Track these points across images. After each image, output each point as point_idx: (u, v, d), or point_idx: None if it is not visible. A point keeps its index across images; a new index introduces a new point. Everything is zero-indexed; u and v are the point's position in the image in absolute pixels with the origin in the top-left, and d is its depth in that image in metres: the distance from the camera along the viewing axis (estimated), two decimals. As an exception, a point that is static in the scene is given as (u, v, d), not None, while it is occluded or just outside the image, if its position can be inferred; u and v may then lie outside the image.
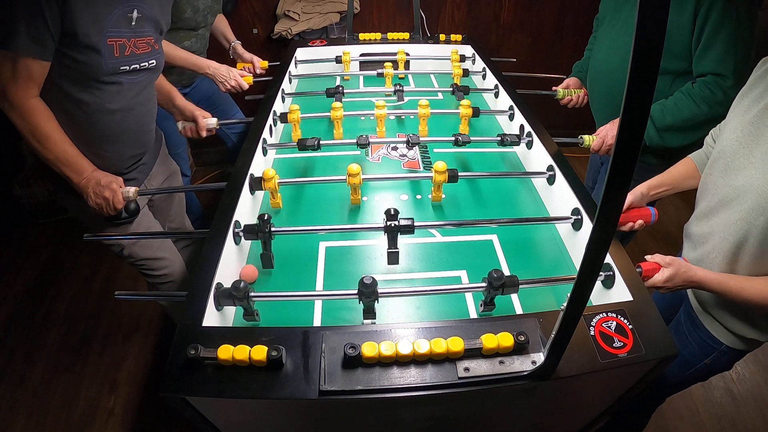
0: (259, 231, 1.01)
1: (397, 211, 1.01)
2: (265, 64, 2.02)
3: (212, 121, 1.57)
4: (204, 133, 1.58)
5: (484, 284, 0.89)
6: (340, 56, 1.91)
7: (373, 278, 0.85)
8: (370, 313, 0.89)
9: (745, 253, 0.99)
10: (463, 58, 1.93)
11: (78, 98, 1.16)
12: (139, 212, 1.34)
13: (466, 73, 1.79)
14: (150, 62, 1.26)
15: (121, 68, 1.17)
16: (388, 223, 1.00)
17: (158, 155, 1.53)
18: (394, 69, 1.80)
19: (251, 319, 0.91)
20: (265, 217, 1.01)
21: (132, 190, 1.24)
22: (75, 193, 1.24)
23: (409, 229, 1.01)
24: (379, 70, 1.77)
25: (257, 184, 1.18)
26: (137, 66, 1.22)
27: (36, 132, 1.12)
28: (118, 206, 1.24)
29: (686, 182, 1.18)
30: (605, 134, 1.42)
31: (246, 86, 1.86)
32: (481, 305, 0.94)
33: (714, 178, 1.06)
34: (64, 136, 1.16)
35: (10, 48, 1.02)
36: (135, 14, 1.17)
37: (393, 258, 1.04)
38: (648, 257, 1.00)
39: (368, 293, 0.85)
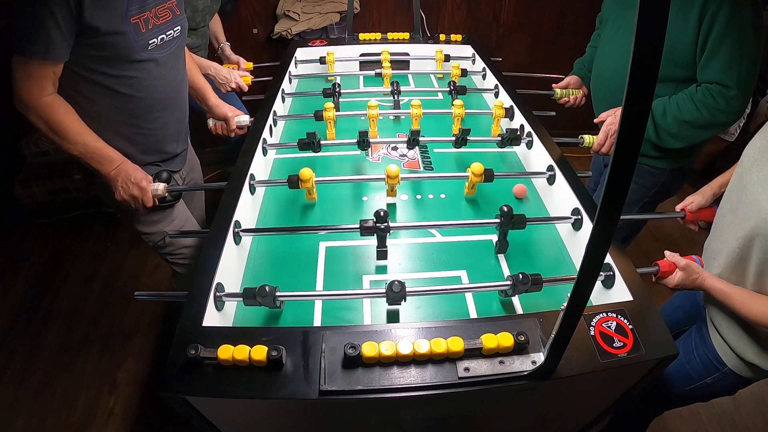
0: (377, 229, 1.01)
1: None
2: (250, 65, 2.03)
3: (244, 119, 1.55)
4: (234, 133, 1.57)
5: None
6: (324, 57, 1.91)
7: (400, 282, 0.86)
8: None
9: (749, 272, 0.97)
10: (447, 58, 1.92)
11: (116, 77, 1.17)
12: (181, 197, 1.39)
13: (465, 73, 1.79)
14: (175, 29, 1.27)
15: (150, 42, 1.18)
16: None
17: (188, 145, 1.54)
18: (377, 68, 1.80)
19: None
20: (382, 213, 1.01)
21: (161, 187, 1.25)
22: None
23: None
24: (377, 71, 1.77)
25: (294, 183, 1.18)
26: (164, 36, 1.23)
27: (55, 128, 1.13)
28: (148, 204, 1.26)
29: None
30: (608, 129, 1.39)
31: (246, 87, 1.87)
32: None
33: (730, 190, 1.04)
34: (86, 129, 1.17)
35: (23, 54, 1.04)
36: None
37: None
38: (667, 254, 0.99)
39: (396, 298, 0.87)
